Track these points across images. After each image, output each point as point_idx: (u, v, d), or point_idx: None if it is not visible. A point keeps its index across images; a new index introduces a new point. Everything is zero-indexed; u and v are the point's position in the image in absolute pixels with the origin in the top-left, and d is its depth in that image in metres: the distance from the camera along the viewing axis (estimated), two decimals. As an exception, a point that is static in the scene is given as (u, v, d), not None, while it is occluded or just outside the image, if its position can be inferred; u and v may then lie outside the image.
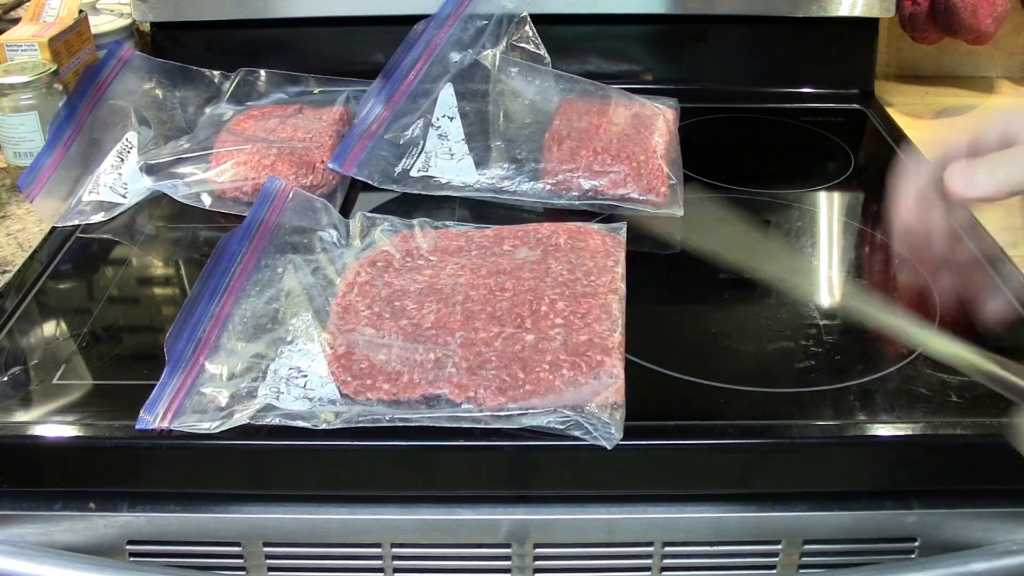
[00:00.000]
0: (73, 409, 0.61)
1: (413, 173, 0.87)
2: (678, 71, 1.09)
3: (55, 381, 0.63)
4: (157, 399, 0.59)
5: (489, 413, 0.58)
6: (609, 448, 0.56)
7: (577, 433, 0.57)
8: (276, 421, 0.58)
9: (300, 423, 0.58)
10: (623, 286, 0.69)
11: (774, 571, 0.62)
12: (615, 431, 0.57)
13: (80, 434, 0.59)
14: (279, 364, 0.62)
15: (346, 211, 0.83)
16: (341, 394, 0.60)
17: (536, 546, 0.61)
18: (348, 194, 0.88)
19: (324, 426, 0.57)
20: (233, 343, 0.64)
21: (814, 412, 0.61)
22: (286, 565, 0.62)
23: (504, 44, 0.96)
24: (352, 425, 0.57)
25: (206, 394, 0.60)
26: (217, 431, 0.58)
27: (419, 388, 0.59)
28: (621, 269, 0.71)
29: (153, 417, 0.58)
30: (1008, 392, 0.49)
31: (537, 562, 0.61)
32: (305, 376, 0.60)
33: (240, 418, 0.58)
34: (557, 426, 0.57)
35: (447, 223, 0.78)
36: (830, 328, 0.68)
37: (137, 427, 0.58)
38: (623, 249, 0.74)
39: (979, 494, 0.61)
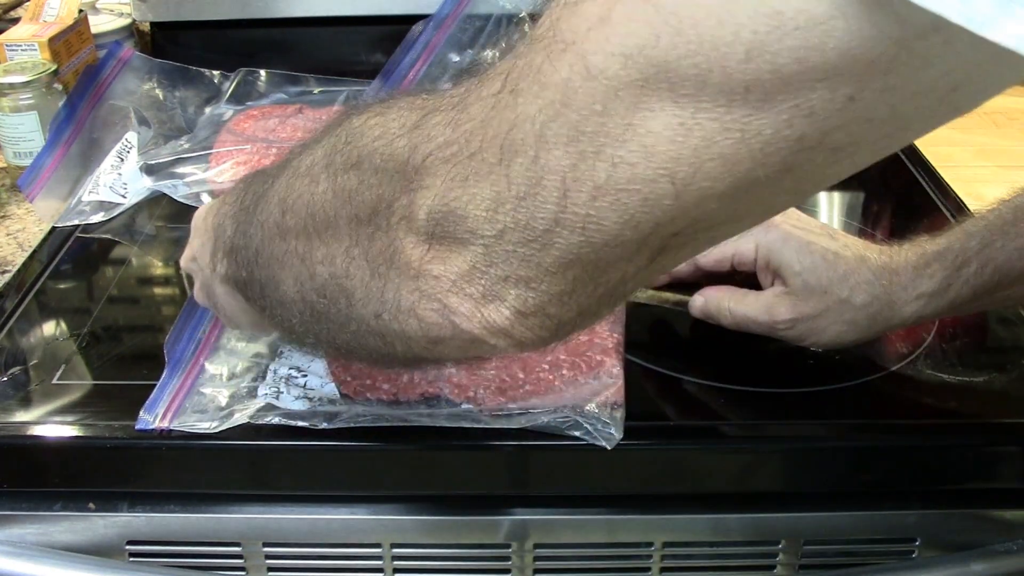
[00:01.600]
0: (73, 409, 0.61)
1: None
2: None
3: (55, 381, 0.63)
4: (157, 399, 0.59)
5: (488, 413, 0.58)
6: (609, 448, 0.56)
7: (577, 433, 0.57)
8: (276, 421, 0.58)
9: (300, 423, 0.58)
10: None
11: (774, 571, 0.62)
12: (615, 431, 0.57)
13: (80, 434, 0.59)
14: (279, 364, 0.62)
15: (346, 211, 0.83)
16: (341, 394, 0.59)
17: (536, 546, 0.61)
18: (348, 194, 0.87)
19: (324, 425, 0.57)
20: (233, 343, 0.64)
21: (814, 412, 0.61)
22: (286, 565, 0.61)
23: (503, 44, 0.96)
24: (352, 425, 0.57)
25: (206, 394, 0.60)
26: (217, 431, 0.58)
27: (418, 388, 0.59)
28: None
29: (153, 417, 0.58)
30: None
31: (537, 562, 0.61)
32: (305, 376, 0.60)
33: (240, 418, 0.58)
34: (557, 426, 0.57)
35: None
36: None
37: (137, 427, 0.58)
38: None
39: (979, 494, 0.61)
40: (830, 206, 0.89)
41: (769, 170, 0.31)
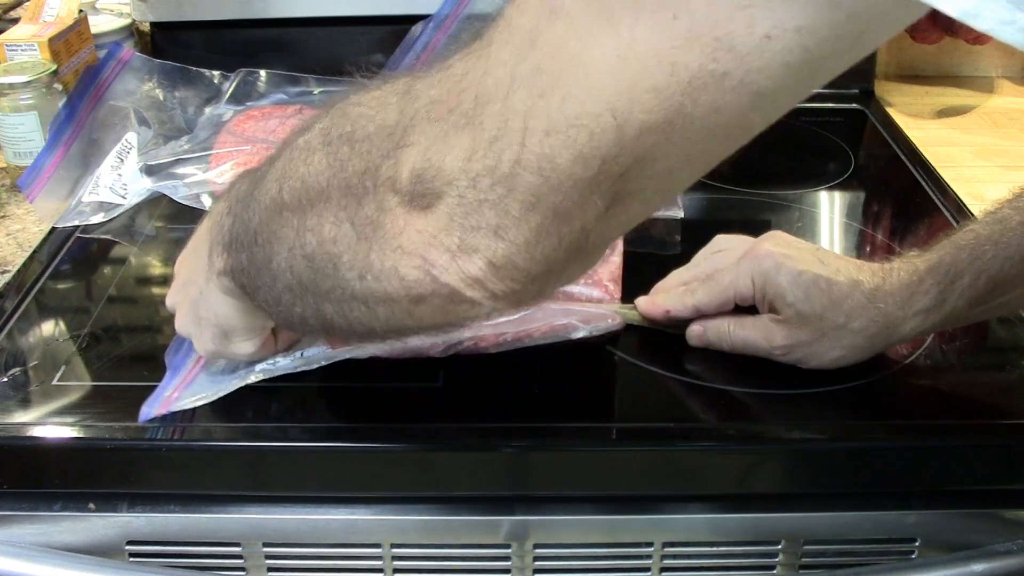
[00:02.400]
0: (73, 410, 0.61)
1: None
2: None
3: (55, 382, 0.63)
4: (158, 396, 0.59)
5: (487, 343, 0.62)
6: (617, 329, 0.64)
7: (579, 335, 0.62)
8: (272, 374, 0.59)
9: (300, 368, 0.59)
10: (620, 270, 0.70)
11: (774, 571, 0.62)
12: (612, 320, 0.62)
13: (80, 435, 0.59)
14: None
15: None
16: None
17: (536, 546, 0.61)
18: (348, 194, 0.87)
19: (322, 363, 0.59)
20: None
21: (814, 413, 0.61)
22: (286, 565, 0.61)
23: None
24: (348, 357, 0.59)
25: (206, 382, 0.60)
26: (215, 398, 0.59)
27: (408, 348, 0.61)
28: (618, 258, 0.71)
29: (153, 408, 0.58)
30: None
31: (537, 562, 0.61)
32: (301, 353, 0.61)
33: (235, 383, 0.59)
34: (557, 335, 0.62)
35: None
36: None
37: (140, 420, 0.58)
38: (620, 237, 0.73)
39: (979, 495, 0.61)
40: (830, 206, 0.89)
41: (698, 107, 0.33)
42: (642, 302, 0.67)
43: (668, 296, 0.66)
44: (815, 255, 0.62)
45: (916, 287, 0.59)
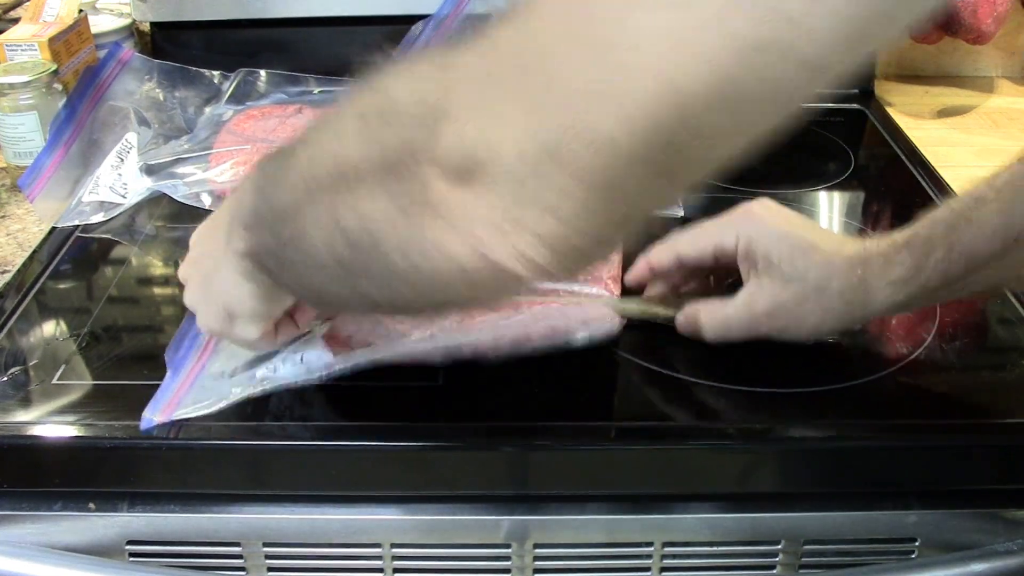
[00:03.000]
0: (73, 409, 0.61)
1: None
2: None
3: (55, 381, 0.63)
4: (160, 400, 0.59)
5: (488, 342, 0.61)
6: (614, 333, 0.63)
7: (577, 336, 0.61)
8: (272, 387, 0.59)
9: (301, 380, 0.59)
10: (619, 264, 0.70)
11: (774, 571, 0.62)
12: (611, 326, 0.63)
13: (80, 434, 0.59)
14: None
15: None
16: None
17: (536, 546, 0.61)
18: (348, 194, 0.87)
19: (323, 373, 0.59)
20: (234, 346, 0.64)
21: (814, 413, 0.61)
22: (286, 565, 0.61)
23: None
24: (351, 367, 0.59)
25: (207, 387, 0.60)
26: (217, 410, 0.58)
27: (410, 355, 0.61)
28: (618, 257, 0.71)
29: (155, 415, 0.58)
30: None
31: (537, 562, 0.61)
32: (301, 357, 0.61)
33: (238, 393, 0.59)
34: (555, 342, 0.61)
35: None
36: (830, 328, 0.68)
37: (142, 428, 0.58)
38: None
39: (979, 495, 0.61)
40: (830, 206, 0.89)
41: (749, 75, 0.33)
42: (629, 275, 0.68)
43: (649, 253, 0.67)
44: (803, 222, 0.64)
45: (892, 256, 0.60)
